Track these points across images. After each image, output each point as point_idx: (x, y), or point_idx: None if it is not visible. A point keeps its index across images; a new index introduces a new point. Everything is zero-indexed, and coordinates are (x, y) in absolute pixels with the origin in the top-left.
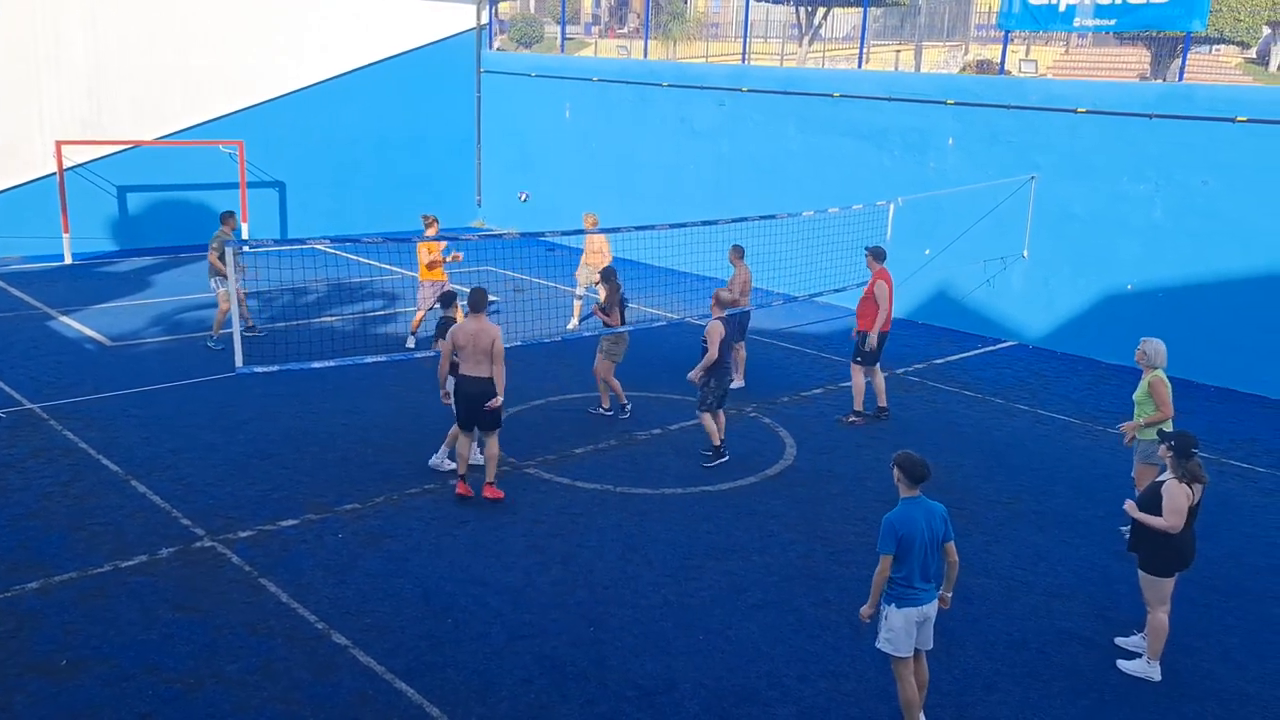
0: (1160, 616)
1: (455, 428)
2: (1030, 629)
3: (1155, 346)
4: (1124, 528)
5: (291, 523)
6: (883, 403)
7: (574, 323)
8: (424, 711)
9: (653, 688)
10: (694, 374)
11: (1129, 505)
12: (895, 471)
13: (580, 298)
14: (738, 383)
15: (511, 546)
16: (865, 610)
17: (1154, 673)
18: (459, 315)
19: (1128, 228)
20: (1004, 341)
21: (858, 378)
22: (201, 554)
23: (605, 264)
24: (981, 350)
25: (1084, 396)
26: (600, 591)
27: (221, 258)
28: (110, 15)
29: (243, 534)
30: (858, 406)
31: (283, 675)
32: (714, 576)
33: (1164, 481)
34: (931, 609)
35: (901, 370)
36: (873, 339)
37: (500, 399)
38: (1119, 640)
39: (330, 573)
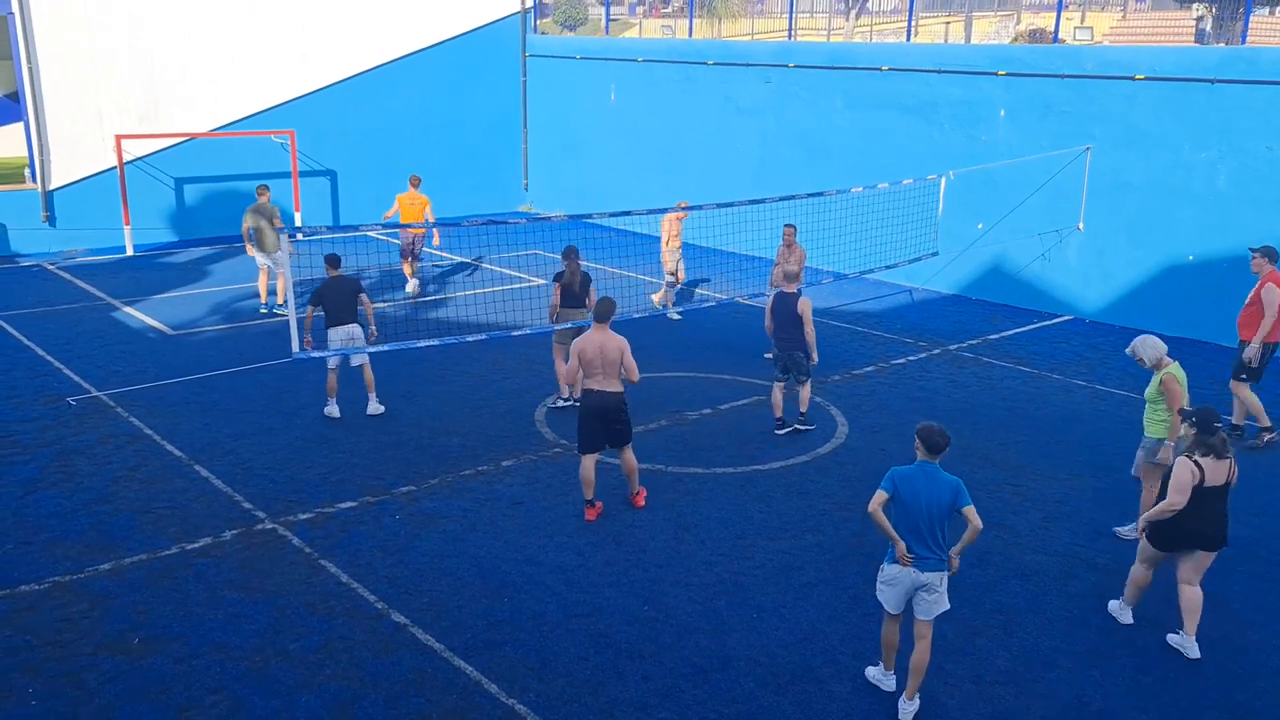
0: (1140, 569)
1: (328, 380)
2: (1091, 607)
3: (1150, 344)
4: (1119, 528)
5: (349, 505)
6: (1239, 421)
7: (659, 296)
8: (482, 688)
9: (708, 665)
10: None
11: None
12: (915, 441)
13: (670, 284)
14: None
15: (564, 526)
16: (900, 553)
17: (1124, 615)
18: (333, 274)
19: (1188, 197)
20: (1060, 316)
21: (1243, 393)
22: (263, 536)
23: (672, 250)
24: (1037, 325)
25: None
26: (653, 570)
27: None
28: (164, 9)
29: (302, 516)
30: (1264, 423)
31: (344, 653)
32: (767, 555)
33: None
34: (932, 578)
35: (955, 346)
36: (1254, 349)
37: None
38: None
39: (388, 553)
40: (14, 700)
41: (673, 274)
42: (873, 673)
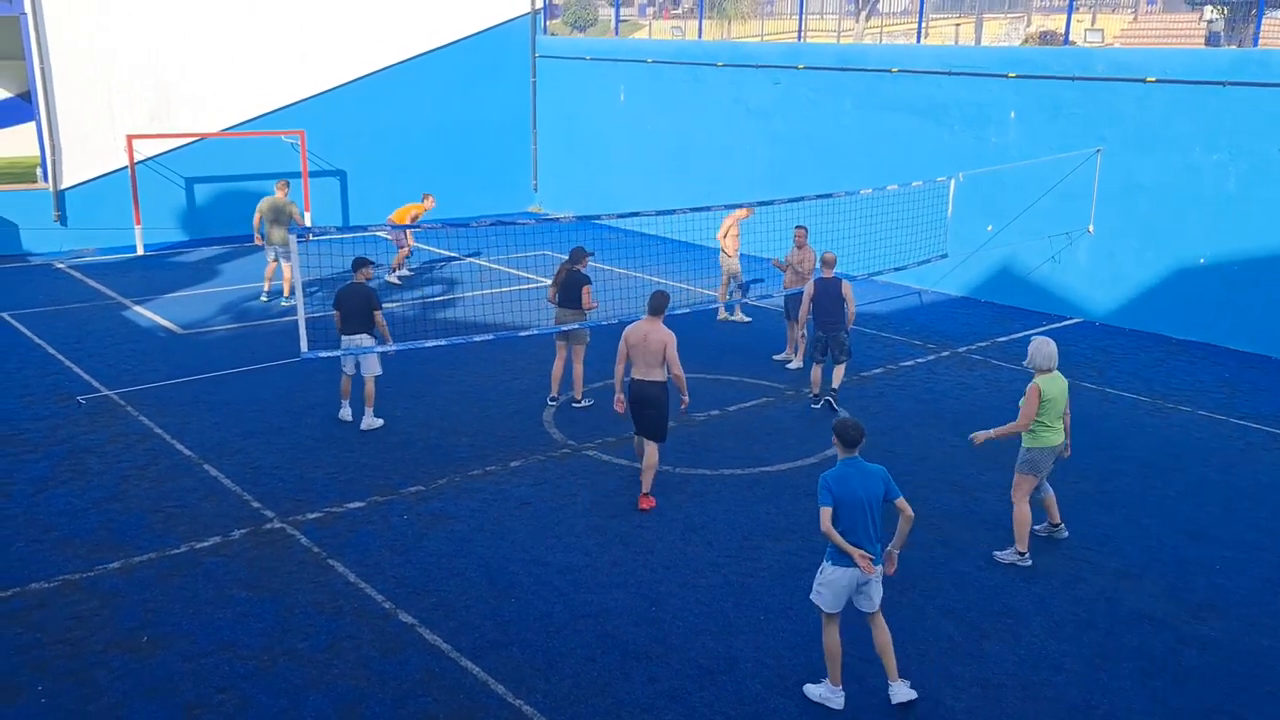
0: None
1: (341, 383)
2: (1098, 610)
3: (1037, 348)
4: (997, 553)
5: (358, 504)
6: None
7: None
8: (488, 689)
9: (714, 666)
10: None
11: None
12: (833, 438)
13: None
14: (795, 364)
15: (572, 527)
16: (860, 560)
17: None
18: (366, 276)
19: (1199, 199)
20: (1069, 318)
21: None
22: (272, 535)
23: (731, 253)
24: (1046, 327)
25: (1152, 373)
26: (660, 571)
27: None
28: (174, 9)
29: (311, 515)
30: None
31: (351, 653)
32: (773, 557)
33: None
34: (875, 570)
35: (964, 348)
36: None
37: (686, 399)
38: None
39: (396, 553)
40: (24, 697)
41: (733, 276)
42: (817, 691)
